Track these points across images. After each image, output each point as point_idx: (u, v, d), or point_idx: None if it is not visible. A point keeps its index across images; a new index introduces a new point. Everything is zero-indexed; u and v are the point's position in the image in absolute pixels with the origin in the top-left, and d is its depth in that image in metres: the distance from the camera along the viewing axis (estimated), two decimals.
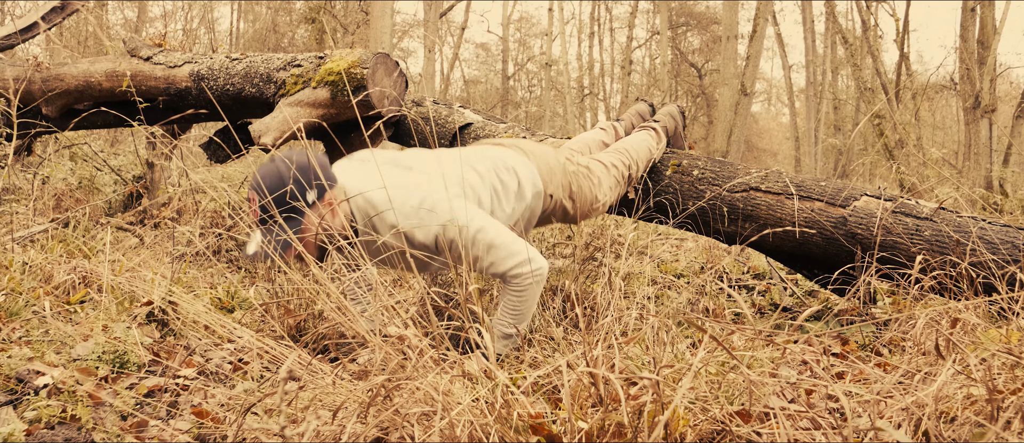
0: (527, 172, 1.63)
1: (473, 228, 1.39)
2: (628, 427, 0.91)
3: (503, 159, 1.62)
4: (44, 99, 2.73)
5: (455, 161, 1.55)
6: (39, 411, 1.15)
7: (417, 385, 0.99)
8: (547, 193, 1.68)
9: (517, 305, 1.45)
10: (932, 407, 0.89)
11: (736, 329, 1.19)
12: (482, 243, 1.40)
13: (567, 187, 1.74)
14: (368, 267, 1.47)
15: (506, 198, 1.58)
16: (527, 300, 1.45)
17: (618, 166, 1.93)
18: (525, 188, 1.62)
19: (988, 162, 7.30)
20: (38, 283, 1.84)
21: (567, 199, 1.74)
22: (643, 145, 2.04)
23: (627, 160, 1.96)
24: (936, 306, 1.43)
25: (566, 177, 1.74)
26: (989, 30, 7.47)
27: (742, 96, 9.40)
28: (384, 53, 2.25)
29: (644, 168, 2.04)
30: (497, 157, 1.62)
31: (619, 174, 1.92)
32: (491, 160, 1.60)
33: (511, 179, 1.59)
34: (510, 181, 1.59)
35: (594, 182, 1.81)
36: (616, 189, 1.91)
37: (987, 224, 1.68)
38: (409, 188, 1.41)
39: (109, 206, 3.20)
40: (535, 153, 1.71)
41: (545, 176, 1.67)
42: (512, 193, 1.59)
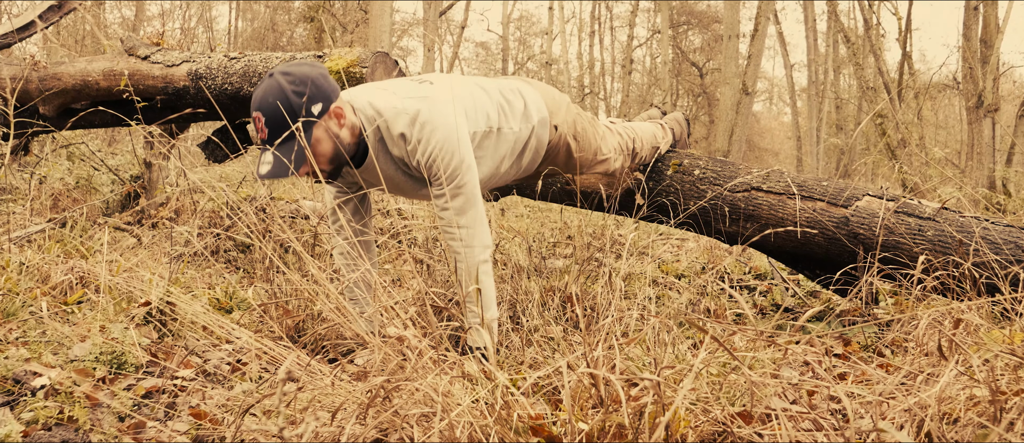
0: (533, 97, 1.65)
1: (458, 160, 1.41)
2: (629, 428, 0.90)
3: (509, 83, 1.66)
4: (41, 98, 2.72)
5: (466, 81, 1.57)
6: (36, 412, 1.15)
7: (416, 386, 0.99)
8: (552, 123, 1.67)
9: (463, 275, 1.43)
10: (935, 408, 0.89)
11: (738, 330, 1.18)
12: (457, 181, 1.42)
13: (572, 124, 1.74)
14: (370, 268, 1.47)
15: (512, 116, 1.58)
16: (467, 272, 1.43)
17: (622, 135, 1.94)
18: (531, 111, 1.63)
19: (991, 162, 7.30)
20: (35, 283, 1.83)
21: (571, 138, 1.73)
22: (648, 131, 2.05)
23: (632, 134, 1.97)
24: (939, 307, 1.43)
25: (570, 114, 1.74)
26: (992, 29, 7.47)
27: (744, 95, 9.40)
28: (383, 52, 2.24)
29: (649, 152, 2.04)
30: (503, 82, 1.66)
31: (623, 142, 1.92)
32: (498, 83, 1.64)
33: (517, 100, 1.61)
34: (516, 101, 1.60)
35: (598, 133, 1.82)
36: (620, 156, 1.91)
37: (990, 224, 1.67)
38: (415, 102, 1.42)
39: (106, 206, 3.19)
40: (540, 86, 1.74)
41: (551, 106, 1.68)
42: (518, 113, 1.60)
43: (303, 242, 2.45)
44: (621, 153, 1.91)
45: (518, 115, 1.59)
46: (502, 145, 1.57)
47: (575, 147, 1.75)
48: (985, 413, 0.90)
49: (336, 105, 1.39)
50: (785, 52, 16.98)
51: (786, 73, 17.39)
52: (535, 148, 1.66)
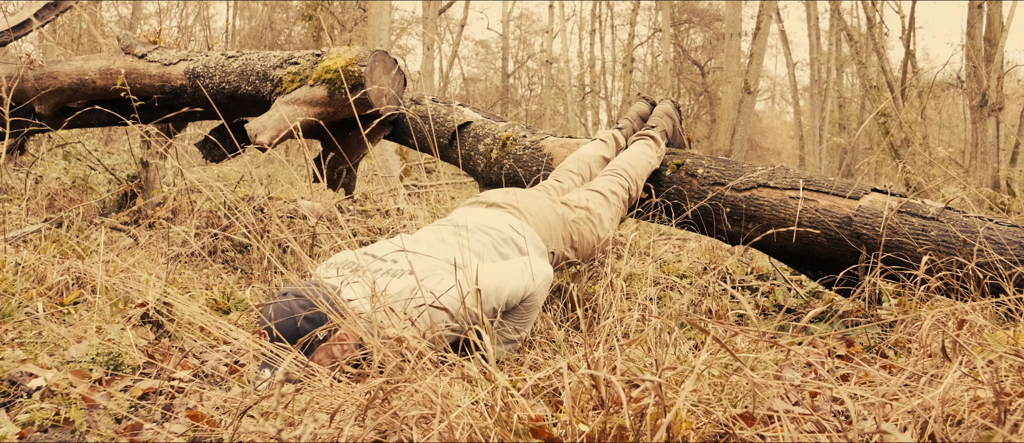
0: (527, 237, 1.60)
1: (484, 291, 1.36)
2: (630, 430, 0.90)
3: (500, 231, 1.59)
4: (37, 97, 2.70)
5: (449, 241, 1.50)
6: (32, 414, 1.14)
7: (416, 387, 0.98)
8: (549, 251, 1.67)
9: (524, 313, 1.46)
10: (938, 410, 0.88)
11: (739, 331, 1.18)
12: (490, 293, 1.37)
13: (568, 239, 1.74)
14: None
15: None
16: (534, 309, 1.46)
17: (618, 193, 1.92)
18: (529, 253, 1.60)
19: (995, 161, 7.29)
20: (31, 284, 1.82)
21: (569, 250, 1.74)
22: (642, 159, 2.03)
23: (626, 182, 1.95)
24: (942, 307, 1.42)
25: (566, 229, 1.73)
26: (996, 27, 7.46)
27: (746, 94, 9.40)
28: (382, 50, 2.23)
29: (645, 180, 2.05)
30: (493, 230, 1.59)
31: (619, 200, 1.92)
32: (488, 236, 1.57)
33: (511, 251, 1.57)
34: (511, 254, 1.57)
35: (595, 223, 1.80)
36: (617, 218, 1.92)
37: (994, 224, 1.66)
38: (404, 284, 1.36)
39: (103, 206, 3.18)
40: (532, 211, 1.68)
41: (545, 235, 1.65)
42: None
43: (301, 242, 2.44)
44: (619, 213, 1.91)
45: None
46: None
47: (573, 254, 1.75)
48: (989, 415, 0.90)
49: (341, 332, 1.35)
50: (787, 50, 16.95)
51: (788, 72, 17.36)
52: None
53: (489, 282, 1.39)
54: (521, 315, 1.46)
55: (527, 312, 1.46)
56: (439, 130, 2.46)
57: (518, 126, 2.41)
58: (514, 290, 1.42)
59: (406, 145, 2.58)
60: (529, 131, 2.38)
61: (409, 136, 2.48)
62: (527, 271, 1.43)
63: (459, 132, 2.42)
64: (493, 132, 2.38)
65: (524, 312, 1.46)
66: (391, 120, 2.39)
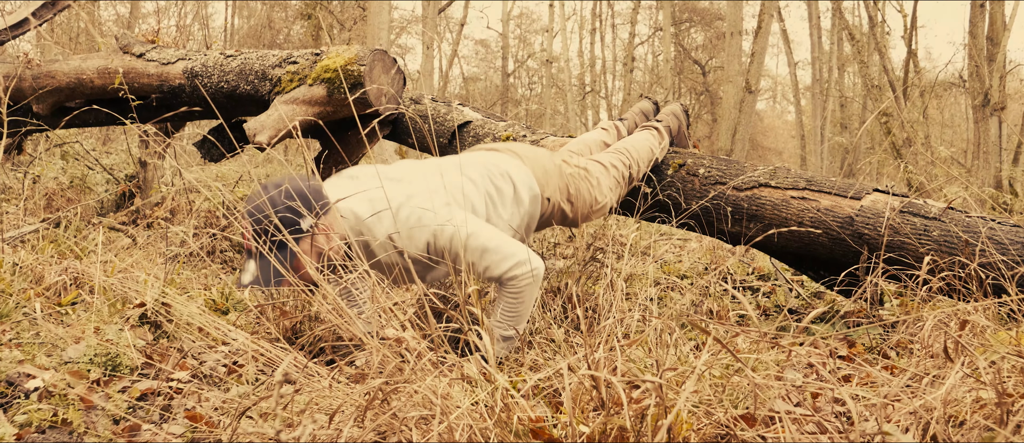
0: (522, 177, 1.62)
1: (463, 233, 1.38)
2: (630, 431, 0.89)
3: (497, 165, 1.61)
4: (35, 97, 2.69)
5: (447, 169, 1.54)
6: (30, 415, 1.13)
7: (415, 388, 0.97)
8: (544, 196, 1.67)
9: (514, 306, 1.44)
10: (940, 411, 0.88)
11: (741, 331, 1.17)
12: (475, 248, 1.39)
13: (565, 189, 1.73)
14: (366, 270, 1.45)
15: (502, 204, 1.57)
16: (524, 301, 1.44)
17: (618, 166, 1.91)
18: (522, 193, 1.61)
19: (998, 161, 7.27)
20: (29, 284, 1.81)
21: (565, 202, 1.73)
22: (644, 145, 2.02)
23: (627, 160, 1.94)
24: (944, 308, 1.42)
25: (563, 179, 1.73)
26: (999, 26, 7.44)
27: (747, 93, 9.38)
28: (381, 50, 2.22)
29: (646, 167, 2.03)
30: (491, 163, 1.62)
31: (619, 174, 1.91)
32: (484, 166, 1.60)
33: (506, 185, 1.59)
34: (505, 187, 1.58)
35: (592, 183, 1.80)
36: (616, 190, 1.90)
37: (997, 224, 1.66)
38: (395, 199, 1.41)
39: (101, 206, 3.17)
40: (529, 157, 1.70)
41: (541, 179, 1.66)
42: (508, 199, 1.58)
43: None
44: (618, 186, 1.90)
45: (508, 202, 1.58)
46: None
47: (570, 208, 1.75)
48: (991, 416, 0.89)
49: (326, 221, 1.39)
50: (789, 50, 16.89)
51: (790, 71, 17.31)
52: (527, 223, 1.66)
53: (478, 236, 1.39)
54: (511, 305, 1.43)
55: (516, 302, 1.43)
56: (439, 130, 2.46)
57: (518, 125, 2.41)
58: (497, 260, 1.40)
59: (406, 145, 2.58)
60: (529, 131, 2.37)
61: (408, 136, 2.47)
62: (523, 251, 1.42)
63: (459, 132, 2.42)
64: (493, 132, 2.38)
65: (513, 302, 1.43)
66: (390, 120, 2.38)
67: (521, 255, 1.41)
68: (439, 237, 1.38)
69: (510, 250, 1.41)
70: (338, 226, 1.41)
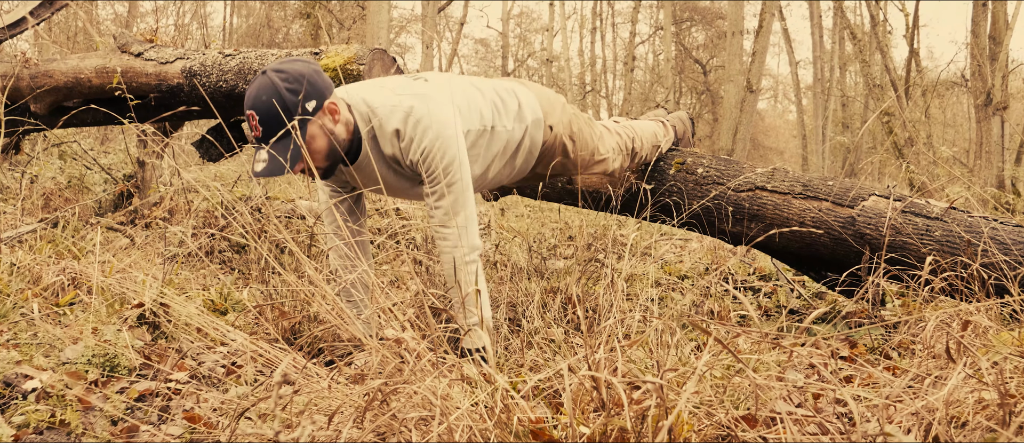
0: (528, 98, 1.65)
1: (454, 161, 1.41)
2: (631, 432, 0.89)
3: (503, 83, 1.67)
4: (32, 96, 2.68)
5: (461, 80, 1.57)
6: (27, 416, 1.13)
7: (415, 389, 0.97)
8: (547, 124, 1.67)
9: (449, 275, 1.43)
10: (942, 412, 0.88)
11: (742, 332, 1.17)
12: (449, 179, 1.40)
13: (568, 124, 1.73)
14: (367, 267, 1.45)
15: (506, 114, 1.59)
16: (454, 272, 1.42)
17: (621, 135, 1.93)
18: (525, 111, 1.63)
19: (1000, 161, 7.25)
20: (26, 285, 1.81)
21: (567, 138, 1.73)
22: (649, 129, 2.03)
23: (631, 133, 1.96)
24: (947, 308, 1.41)
25: (566, 114, 1.74)
26: (1001, 25, 7.42)
27: (748, 93, 9.38)
28: (381, 49, 2.22)
29: (650, 151, 2.03)
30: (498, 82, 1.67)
31: (622, 142, 1.92)
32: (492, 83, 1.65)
33: (511, 99, 1.62)
34: (510, 101, 1.61)
35: (595, 133, 1.82)
36: (619, 156, 1.91)
37: (999, 224, 1.65)
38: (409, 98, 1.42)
39: (99, 206, 3.16)
40: (534, 87, 1.74)
41: (545, 107, 1.68)
42: (512, 112, 1.60)
43: (299, 242, 2.42)
44: (620, 153, 1.90)
45: (512, 114, 1.60)
46: (495, 144, 1.57)
47: (571, 147, 1.74)
48: (994, 417, 0.89)
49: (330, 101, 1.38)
50: (790, 49, 16.84)
51: (791, 70, 17.27)
52: (528, 148, 1.66)
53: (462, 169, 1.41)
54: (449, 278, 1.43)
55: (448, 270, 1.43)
56: None
57: None
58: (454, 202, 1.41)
59: None
60: None
61: None
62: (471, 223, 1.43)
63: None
64: None
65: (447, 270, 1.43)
66: None
67: (474, 228, 1.44)
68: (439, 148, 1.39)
69: (471, 219, 1.44)
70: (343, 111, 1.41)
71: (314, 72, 1.38)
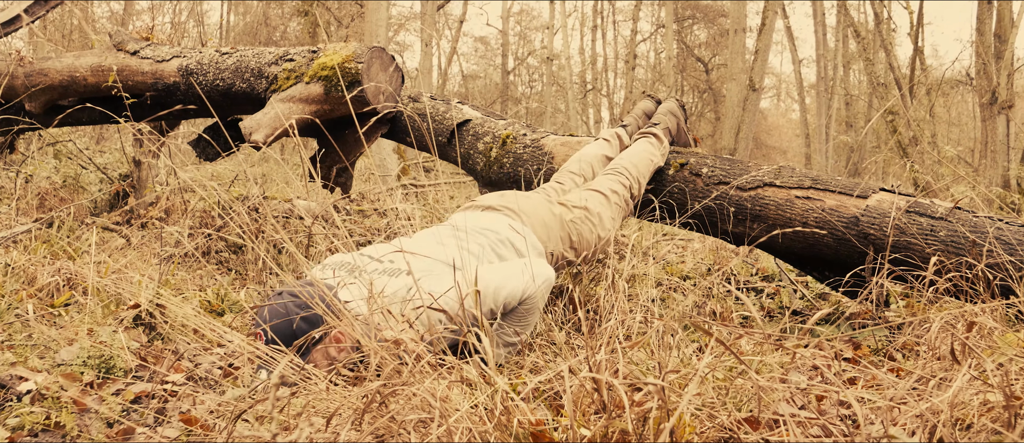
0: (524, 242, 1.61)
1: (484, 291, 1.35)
2: (632, 434, 0.88)
3: (498, 232, 1.60)
4: (27, 95, 2.66)
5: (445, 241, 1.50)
6: (22, 418, 1.12)
7: (414, 391, 0.96)
8: (547, 251, 1.68)
9: (524, 315, 1.45)
10: (947, 414, 0.87)
11: (744, 333, 1.16)
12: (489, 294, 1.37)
13: (566, 239, 1.74)
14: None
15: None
16: (534, 311, 1.45)
17: (619, 192, 1.91)
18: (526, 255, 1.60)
19: (1005, 160, 7.22)
20: (21, 285, 1.79)
21: (568, 250, 1.74)
22: (644, 157, 2.02)
23: (627, 180, 1.94)
24: (951, 309, 1.41)
25: (564, 229, 1.73)
26: (1006, 23, 7.38)
27: (750, 91, 9.37)
28: (379, 47, 2.20)
29: (647, 181, 2.03)
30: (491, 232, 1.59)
31: (621, 199, 1.92)
32: (485, 237, 1.58)
33: (508, 253, 1.58)
34: (508, 255, 1.58)
35: (594, 222, 1.80)
36: (619, 217, 1.91)
37: (1004, 224, 1.64)
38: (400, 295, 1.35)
39: (95, 205, 3.15)
40: (528, 212, 1.69)
41: (543, 236, 1.66)
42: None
43: (297, 243, 2.41)
44: (621, 212, 1.91)
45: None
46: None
47: (573, 255, 1.75)
48: (999, 419, 0.88)
49: (338, 331, 1.34)
50: (793, 47, 16.78)
51: (794, 69, 17.23)
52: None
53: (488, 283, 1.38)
54: (521, 317, 1.45)
55: (527, 315, 1.45)
56: (437, 128, 2.44)
57: (518, 124, 2.39)
58: (512, 291, 1.41)
59: (404, 144, 2.56)
60: (530, 129, 2.36)
61: (407, 134, 2.45)
62: (527, 272, 1.42)
63: (458, 130, 2.40)
64: (493, 130, 2.36)
65: (524, 315, 1.45)
66: (388, 118, 2.37)
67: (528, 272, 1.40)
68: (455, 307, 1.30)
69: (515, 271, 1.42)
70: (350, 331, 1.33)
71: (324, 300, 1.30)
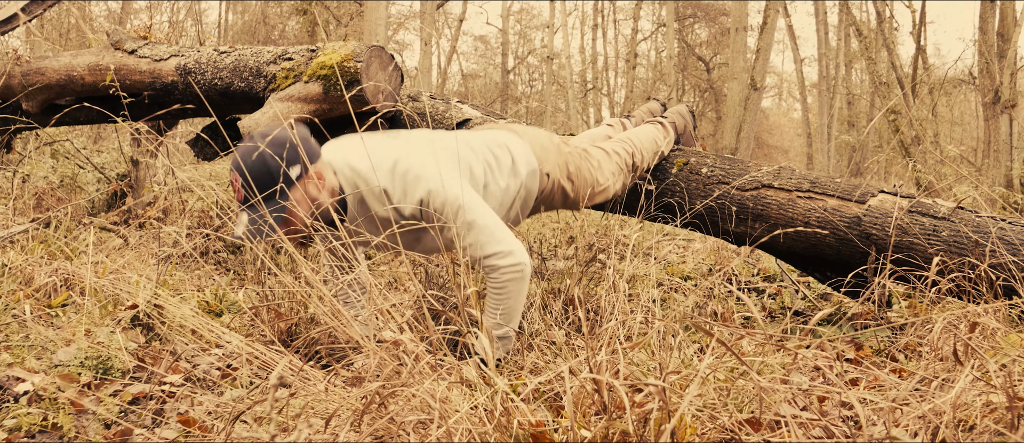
0: (521, 150, 1.64)
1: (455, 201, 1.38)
2: (633, 435, 0.88)
3: (495, 137, 1.64)
4: (24, 94, 2.65)
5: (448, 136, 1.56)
6: (19, 419, 1.12)
7: (413, 392, 0.96)
8: (543, 172, 1.67)
9: (500, 301, 1.41)
10: (950, 415, 0.87)
11: (746, 333, 1.16)
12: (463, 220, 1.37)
13: (564, 166, 1.73)
14: (362, 268, 1.43)
15: (500, 172, 1.58)
16: (509, 297, 1.41)
17: (620, 153, 1.91)
18: (519, 165, 1.62)
19: (1008, 159, 7.22)
20: (18, 286, 1.79)
21: (565, 179, 1.73)
22: (648, 136, 2.02)
23: (630, 148, 1.94)
24: (954, 310, 1.40)
25: (562, 156, 1.73)
26: (1009, 22, 7.37)
27: (752, 91, 9.36)
28: (379, 46, 2.20)
29: (651, 159, 2.01)
30: (489, 135, 1.65)
31: (622, 161, 1.90)
32: (483, 137, 1.63)
33: (504, 154, 1.60)
34: (503, 156, 1.60)
35: (593, 164, 1.80)
36: (620, 177, 1.90)
37: (1007, 224, 1.64)
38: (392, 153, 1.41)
39: (92, 205, 3.14)
40: (528, 133, 1.72)
41: (539, 154, 1.67)
42: (506, 168, 1.59)
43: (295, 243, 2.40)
44: (621, 173, 1.89)
45: (506, 171, 1.60)
46: (489, 200, 1.57)
47: (570, 187, 1.75)
48: (1002, 420, 0.88)
49: (315, 167, 1.38)
50: (795, 46, 16.75)
51: (796, 68, 17.21)
52: (524, 198, 1.67)
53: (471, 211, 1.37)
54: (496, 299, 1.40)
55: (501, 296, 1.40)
56: (437, 127, 2.43)
57: (519, 123, 2.39)
58: (475, 242, 1.37)
59: None
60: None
61: None
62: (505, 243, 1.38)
63: (457, 130, 2.39)
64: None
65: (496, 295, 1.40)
66: (388, 117, 2.36)
67: (507, 245, 1.39)
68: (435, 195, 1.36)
69: (499, 235, 1.40)
70: (329, 176, 1.41)
71: (301, 137, 1.38)
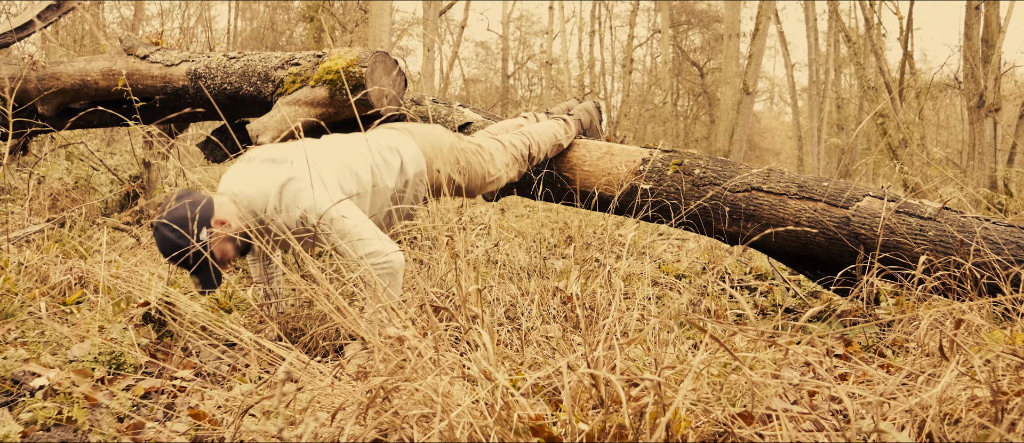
0: (410, 152, 1.84)
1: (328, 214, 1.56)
2: (629, 429, 0.90)
3: (387, 140, 1.84)
4: (40, 98, 2.71)
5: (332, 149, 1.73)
6: (35, 413, 1.14)
7: (416, 387, 0.98)
8: (433, 168, 1.88)
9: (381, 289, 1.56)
10: (936, 409, 0.89)
11: (738, 330, 1.18)
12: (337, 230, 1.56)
13: (454, 162, 1.94)
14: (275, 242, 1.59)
15: (388, 172, 1.78)
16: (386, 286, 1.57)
17: (517, 145, 2.10)
18: (407, 166, 1.82)
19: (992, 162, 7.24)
20: (34, 284, 1.82)
21: (456, 173, 1.94)
22: (549, 131, 2.23)
23: (527, 140, 2.13)
24: (940, 307, 1.42)
25: (453, 153, 1.94)
26: (994, 28, 7.40)
27: (744, 95, 9.38)
28: (383, 51, 2.23)
29: (549, 150, 2.20)
30: (382, 138, 1.84)
31: (518, 153, 2.10)
32: (375, 140, 1.82)
33: (393, 158, 1.80)
34: (392, 159, 1.80)
35: (484, 158, 2.01)
36: (515, 166, 2.09)
37: (991, 224, 1.66)
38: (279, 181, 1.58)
39: (105, 206, 3.18)
40: (421, 133, 1.92)
41: (430, 153, 1.88)
42: (394, 170, 1.80)
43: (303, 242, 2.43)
44: (516, 163, 2.10)
45: (394, 172, 1.80)
46: (379, 198, 1.78)
47: (462, 178, 1.97)
48: (986, 414, 0.90)
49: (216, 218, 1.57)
50: (786, 51, 16.88)
51: (787, 72, 17.28)
52: (414, 192, 1.87)
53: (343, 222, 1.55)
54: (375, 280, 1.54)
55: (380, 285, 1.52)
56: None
57: None
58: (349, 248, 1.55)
59: None
60: None
61: None
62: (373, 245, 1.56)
63: (460, 132, 2.43)
64: None
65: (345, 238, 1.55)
66: (392, 121, 2.39)
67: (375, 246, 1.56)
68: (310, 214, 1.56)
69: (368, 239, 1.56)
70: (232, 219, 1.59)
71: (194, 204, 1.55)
